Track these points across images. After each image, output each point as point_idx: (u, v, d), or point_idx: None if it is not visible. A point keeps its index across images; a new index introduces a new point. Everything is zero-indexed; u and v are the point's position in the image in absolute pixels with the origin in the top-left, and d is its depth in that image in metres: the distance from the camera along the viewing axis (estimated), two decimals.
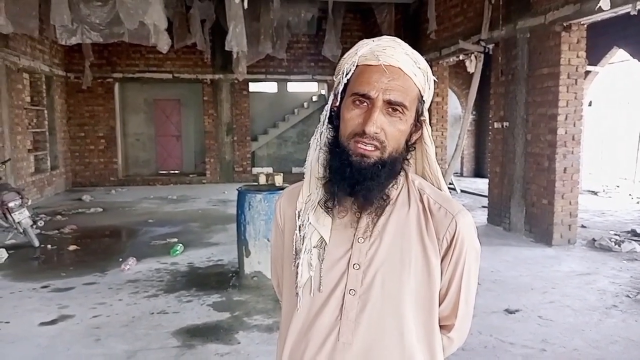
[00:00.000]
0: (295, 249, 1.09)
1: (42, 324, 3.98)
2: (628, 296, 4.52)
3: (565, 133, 6.25)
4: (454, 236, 1.05)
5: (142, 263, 5.60)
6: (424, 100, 1.06)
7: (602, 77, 11.21)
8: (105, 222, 8.09)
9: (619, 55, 9.87)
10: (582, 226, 7.15)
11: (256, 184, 5.30)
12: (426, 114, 1.08)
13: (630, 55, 9.12)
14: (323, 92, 14.57)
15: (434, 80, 1.09)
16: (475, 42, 7.75)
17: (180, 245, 6.19)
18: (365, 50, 1.03)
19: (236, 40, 7.96)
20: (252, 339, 3.69)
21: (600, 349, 3.49)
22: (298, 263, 1.07)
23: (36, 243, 6.35)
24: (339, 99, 1.06)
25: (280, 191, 4.86)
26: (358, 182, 0.99)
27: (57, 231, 7.26)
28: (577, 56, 6.15)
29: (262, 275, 4.78)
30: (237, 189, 4.96)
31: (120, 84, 13.11)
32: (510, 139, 7.12)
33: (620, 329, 3.82)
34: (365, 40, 1.06)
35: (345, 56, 1.07)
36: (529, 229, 6.74)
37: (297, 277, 1.07)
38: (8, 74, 8.93)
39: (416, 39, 10.07)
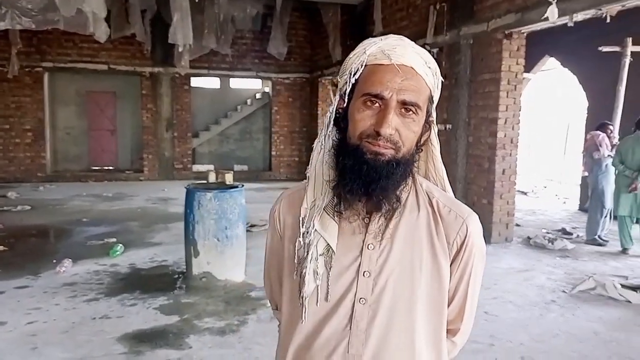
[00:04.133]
0: (298, 257, 1.03)
1: None
2: (564, 291, 4.80)
3: (505, 136, 6.55)
4: (464, 240, 1.04)
5: (79, 265, 5.26)
6: (433, 101, 1.04)
7: (534, 84, 11.91)
8: (34, 221, 7.54)
9: (549, 64, 10.51)
10: (517, 225, 7.53)
11: (205, 181, 5.13)
12: (434, 114, 1.06)
13: (561, 63, 9.73)
14: (267, 89, 14.41)
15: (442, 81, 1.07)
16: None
17: (120, 245, 5.88)
18: (374, 49, 0.99)
19: (181, 32, 7.68)
20: (204, 343, 3.55)
21: (544, 343, 3.67)
22: (303, 272, 1.01)
23: None
24: (345, 100, 1.02)
25: (231, 190, 4.76)
26: (373, 181, 0.96)
27: None
28: (517, 63, 6.46)
29: (212, 276, 4.64)
30: (186, 187, 4.78)
31: (50, 73, 12.29)
32: (453, 141, 7.36)
33: (561, 323, 4.04)
34: (369, 39, 1.03)
35: (351, 55, 1.03)
36: None
37: (301, 287, 1.01)
38: None
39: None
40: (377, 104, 0.96)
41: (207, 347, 3.50)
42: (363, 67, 0.99)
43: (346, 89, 1.01)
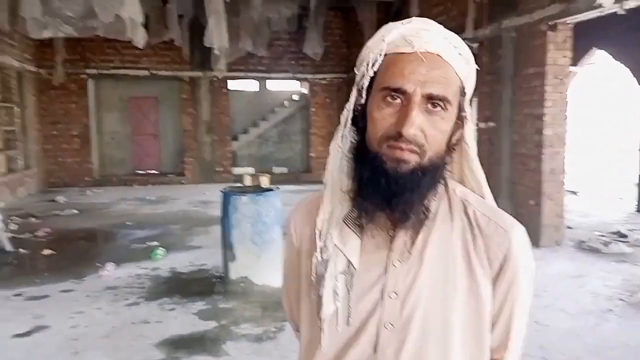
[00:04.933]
0: (317, 274, 0.91)
1: (16, 335, 3.72)
2: (622, 299, 4.49)
3: (552, 133, 6.23)
4: (507, 255, 0.89)
5: (122, 268, 5.35)
6: (465, 93, 0.89)
7: (581, 78, 11.36)
8: (81, 225, 7.77)
9: (597, 56, 9.98)
10: (568, 227, 7.16)
11: (241, 185, 5.12)
12: (468, 108, 0.91)
13: (612, 56, 9.22)
14: (304, 90, 14.39)
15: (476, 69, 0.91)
16: None
17: (162, 249, 5.96)
18: (395, 35, 0.85)
19: (217, 36, 7.73)
20: (241, 350, 3.51)
21: (600, 355, 3.43)
22: (321, 292, 0.89)
23: (8, 247, 6.03)
24: (364, 96, 0.88)
25: (267, 193, 4.72)
26: (395, 195, 0.83)
27: (30, 234, 6.92)
28: (563, 56, 6.13)
29: (249, 280, 4.61)
30: (222, 191, 4.77)
31: (95, 80, 12.70)
32: (496, 139, 7.08)
33: (618, 334, 3.77)
34: (391, 23, 0.88)
35: (368, 44, 0.89)
36: None
37: (319, 309, 0.90)
38: None
39: None
40: (398, 100, 0.82)
41: (244, 354, 3.46)
42: (382, 56, 0.85)
43: (364, 83, 0.88)
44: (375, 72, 0.86)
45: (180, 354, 3.45)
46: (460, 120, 0.90)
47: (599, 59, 10.28)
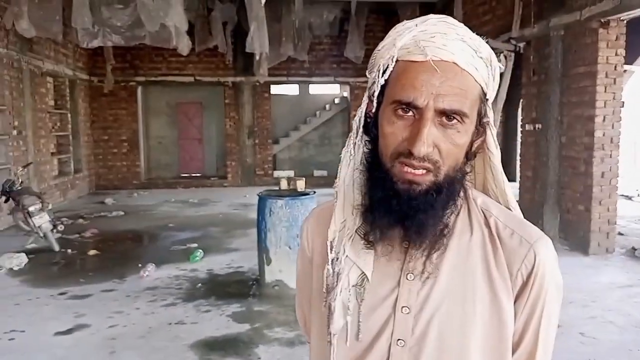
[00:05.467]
0: (327, 286, 0.86)
1: (58, 333, 3.86)
2: None
3: (603, 135, 5.91)
4: (531, 271, 0.81)
5: (161, 269, 5.47)
6: (487, 98, 0.82)
7: (638, 77, 10.75)
8: (126, 226, 8.02)
9: None
10: (620, 233, 6.76)
11: (277, 188, 5.13)
12: (490, 113, 0.84)
13: None
14: (345, 94, 14.36)
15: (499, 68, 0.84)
16: (505, 41, 7.44)
17: (200, 251, 6.05)
18: (407, 39, 0.78)
19: (258, 41, 7.82)
20: (273, 354, 3.50)
21: None
22: (331, 305, 0.85)
23: (56, 247, 6.30)
24: (375, 103, 0.83)
25: (302, 197, 4.70)
26: (408, 216, 0.77)
27: (78, 235, 7.20)
28: (616, 54, 5.81)
29: (284, 284, 4.60)
30: (258, 194, 4.79)
31: (143, 87, 13.14)
32: (543, 141, 6.79)
33: None
34: (405, 23, 0.82)
35: (380, 47, 0.83)
36: (564, 237, 6.40)
37: (329, 323, 0.85)
38: (32, 77, 8.97)
39: None
40: (410, 113, 0.76)
41: (275, 358, 3.45)
42: (393, 63, 0.79)
43: (374, 91, 0.82)
44: (386, 81, 0.80)
45: (214, 356, 3.47)
46: (481, 126, 0.83)
47: None
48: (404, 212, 0.77)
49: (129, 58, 12.40)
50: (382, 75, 0.80)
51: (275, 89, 13.76)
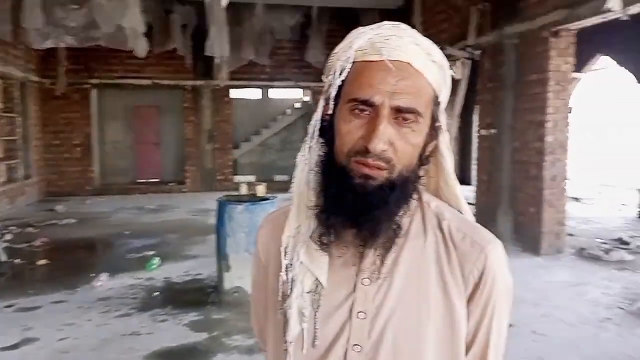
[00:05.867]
0: (282, 293, 0.85)
1: (3, 348, 3.66)
2: (621, 308, 4.39)
3: (554, 140, 6.15)
4: (482, 273, 0.83)
5: (116, 279, 5.29)
6: (439, 102, 0.84)
7: (585, 84, 11.26)
8: (78, 234, 7.73)
9: (601, 62, 9.90)
10: (569, 234, 7.05)
11: (237, 194, 5.06)
12: (442, 118, 0.86)
13: (616, 62, 9.13)
14: (307, 98, 14.38)
15: (451, 76, 0.86)
16: (461, 48, 7.65)
17: (157, 258, 5.90)
18: (363, 41, 0.80)
19: (218, 45, 7.74)
20: None
21: None
22: (286, 312, 0.84)
23: (3, 257, 6.00)
24: (331, 106, 0.83)
25: (262, 202, 4.66)
26: (362, 212, 0.77)
27: (26, 244, 6.88)
28: (566, 62, 6.06)
29: (244, 290, 4.52)
30: (217, 200, 4.71)
31: (98, 90, 12.72)
32: (498, 146, 7.00)
33: (617, 344, 3.67)
34: (360, 28, 0.83)
35: (336, 50, 0.84)
36: (517, 238, 6.60)
37: (285, 330, 0.84)
38: None
39: None
40: (366, 112, 0.77)
41: None
42: (350, 64, 0.80)
43: (331, 93, 0.83)
44: (343, 81, 0.81)
45: None
46: (434, 130, 0.85)
47: (606, 65, 10.19)
48: (359, 207, 0.77)
49: (83, 60, 11.99)
50: (340, 76, 0.81)
51: (235, 93, 13.63)
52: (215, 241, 4.80)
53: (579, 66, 9.19)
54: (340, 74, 0.81)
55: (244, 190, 4.99)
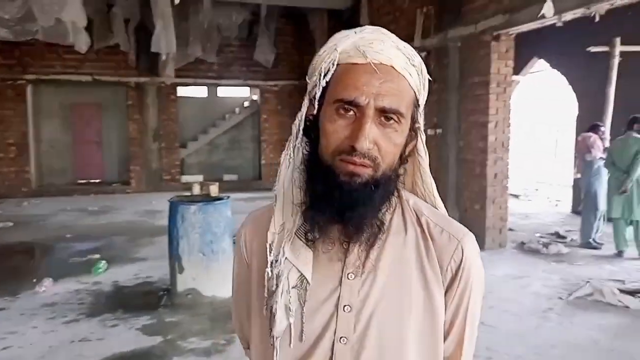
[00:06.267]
0: (268, 289, 0.87)
1: None
2: (560, 298, 4.67)
3: (496, 140, 6.45)
4: (460, 265, 0.88)
5: (60, 284, 5.06)
6: (419, 104, 0.88)
7: (522, 86, 11.86)
8: (16, 238, 7.31)
9: (538, 65, 10.47)
10: (510, 229, 7.42)
11: (189, 194, 4.97)
12: (421, 120, 0.90)
13: (550, 65, 9.68)
14: (255, 97, 14.27)
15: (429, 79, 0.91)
16: None
17: (103, 262, 5.68)
18: (347, 44, 0.83)
19: (164, 41, 7.53)
20: None
21: (543, 355, 3.54)
22: (273, 308, 0.86)
23: None
24: (316, 106, 0.86)
25: (216, 202, 4.60)
26: (348, 208, 0.80)
27: None
28: (506, 65, 6.37)
29: (197, 292, 4.46)
30: (169, 200, 4.61)
31: (34, 86, 12.05)
32: (444, 146, 7.25)
33: (559, 333, 3.91)
34: (343, 32, 0.87)
35: (320, 52, 0.86)
36: None
37: (271, 325, 0.86)
38: None
39: None
40: (351, 112, 0.80)
41: None
42: (335, 66, 0.83)
43: (316, 93, 0.85)
44: (327, 83, 0.84)
45: None
46: (413, 131, 0.89)
47: (541, 68, 10.77)
48: (345, 204, 0.80)
49: (18, 54, 11.33)
50: (324, 77, 0.83)
51: (182, 91, 13.32)
52: (165, 243, 4.70)
53: (518, 69, 9.69)
54: (325, 76, 0.84)
55: (196, 190, 4.91)
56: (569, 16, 5.23)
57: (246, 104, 14.49)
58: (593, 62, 7.81)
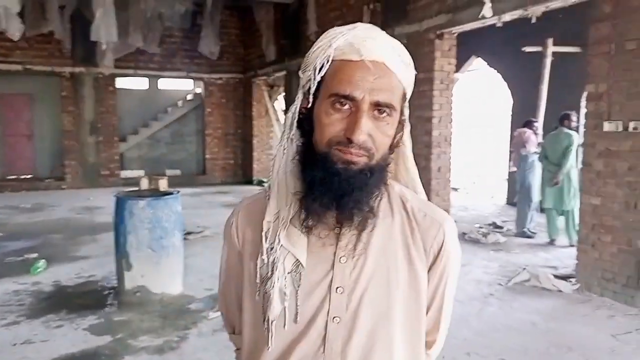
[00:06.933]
0: (261, 276, 0.91)
1: None
2: (500, 284, 4.95)
3: (439, 134, 6.71)
4: (441, 246, 0.96)
5: None
6: (406, 98, 0.95)
7: (461, 83, 12.34)
8: None
9: (476, 64, 10.94)
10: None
11: (137, 188, 4.82)
12: (407, 111, 0.97)
13: (487, 63, 10.14)
14: (199, 90, 13.96)
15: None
16: None
17: (42, 261, 5.40)
18: (342, 42, 0.87)
19: (104, 30, 7.22)
20: None
21: (486, 337, 3.74)
22: (268, 293, 0.90)
23: None
24: (311, 100, 0.90)
25: (166, 197, 4.49)
26: (346, 193, 0.85)
27: None
28: (449, 63, 6.62)
29: (147, 289, 4.34)
30: (115, 195, 4.45)
31: None
32: None
33: (500, 317, 4.15)
34: (336, 28, 0.91)
35: (314, 48, 0.90)
36: None
37: (266, 310, 0.90)
38: None
39: (296, 40, 10.09)
40: (347, 106, 0.85)
41: None
42: (329, 62, 0.87)
43: (310, 87, 0.89)
44: (322, 77, 0.88)
45: None
46: (401, 123, 0.95)
47: (479, 66, 11.26)
48: (343, 189, 0.85)
49: None
50: (319, 73, 0.87)
51: (121, 82, 12.81)
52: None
53: (457, 67, 10.08)
54: (319, 71, 0.88)
55: (144, 184, 4.77)
56: (507, 17, 5.51)
57: (189, 97, 14.16)
58: (527, 61, 8.28)
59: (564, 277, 4.97)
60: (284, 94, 12.08)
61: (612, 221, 4.44)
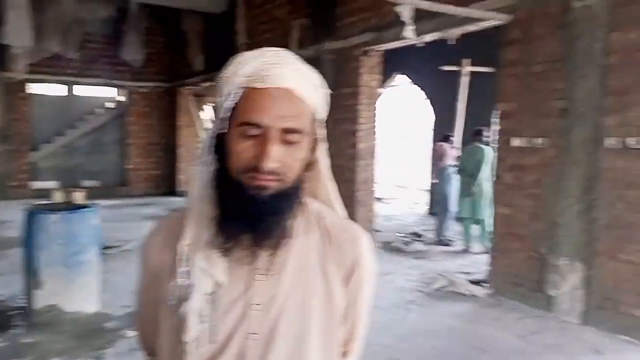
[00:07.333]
0: (179, 298, 0.91)
1: None
2: (420, 291, 5.16)
3: (365, 147, 6.90)
4: (356, 261, 1.00)
5: None
6: (317, 119, 0.97)
7: (384, 98, 12.81)
8: None
9: (398, 80, 11.42)
10: (377, 230, 7.96)
11: (49, 202, 4.54)
12: (321, 131, 0.99)
13: (410, 80, 10.62)
14: (121, 98, 13.37)
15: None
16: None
17: None
18: (249, 69, 0.89)
19: (18, 32, 6.77)
20: None
21: (408, 342, 3.89)
22: (184, 315, 0.90)
23: None
24: (226, 126, 0.91)
25: (83, 210, 4.26)
26: (258, 219, 0.87)
27: None
28: (374, 79, 6.87)
29: (59, 309, 4.08)
30: (24, 209, 4.16)
31: None
32: None
33: (420, 323, 4.32)
34: (245, 54, 0.92)
35: (223, 75, 0.92)
36: None
37: (183, 332, 0.89)
38: None
39: (226, 51, 9.99)
40: (256, 133, 0.87)
41: None
42: (239, 89, 0.89)
43: (225, 115, 0.91)
44: (233, 104, 0.89)
45: None
46: (315, 142, 0.97)
47: (401, 82, 11.76)
48: (255, 215, 0.87)
49: None
50: (229, 101, 0.90)
51: (35, 88, 12.00)
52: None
53: (383, 82, 10.46)
54: (229, 99, 0.90)
55: (57, 197, 4.51)
56: (427, 38, 5.81)
57: (110, 104, 13.51)
58: (447, 79, 8.76)
59: (478, 282, 5.27)
60: (212, 104, 11.90)
61: (521, 230, 4.79)
